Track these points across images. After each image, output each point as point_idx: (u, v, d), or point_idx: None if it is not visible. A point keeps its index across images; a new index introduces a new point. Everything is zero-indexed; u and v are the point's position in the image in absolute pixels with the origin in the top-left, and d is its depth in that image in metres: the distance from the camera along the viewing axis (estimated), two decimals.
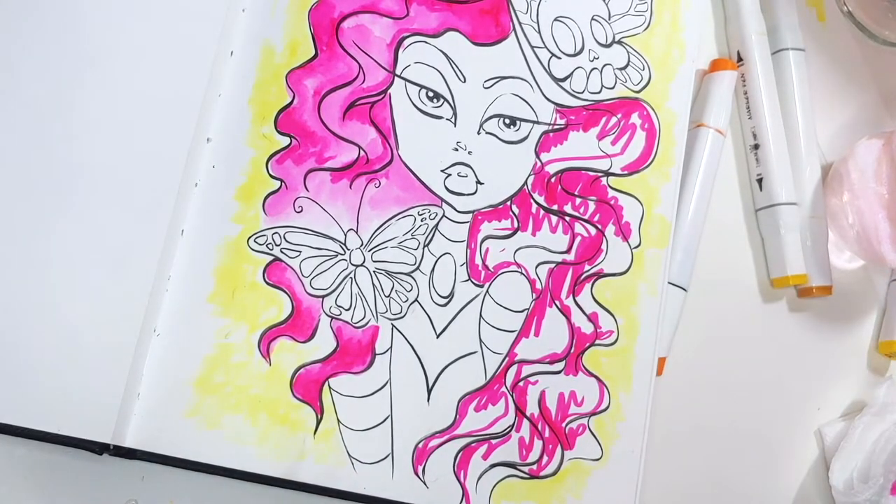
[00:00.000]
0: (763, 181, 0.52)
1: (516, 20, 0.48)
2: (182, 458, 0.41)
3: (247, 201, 0.44)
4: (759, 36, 0.52)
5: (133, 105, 0.42)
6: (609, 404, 0.46)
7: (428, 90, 0.46)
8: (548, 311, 0.46)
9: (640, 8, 0.50)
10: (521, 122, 0.47)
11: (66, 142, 0.41)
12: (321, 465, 0.42)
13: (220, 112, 0.44)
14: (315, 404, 0.43)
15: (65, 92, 0.41)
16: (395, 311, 0.45)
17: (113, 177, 0.41)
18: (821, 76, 0.56)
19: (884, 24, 0.56)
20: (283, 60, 0.45)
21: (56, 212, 0.41)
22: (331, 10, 0.46)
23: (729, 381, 0.52)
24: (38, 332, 0.40)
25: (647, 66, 0.50)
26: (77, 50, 0.42)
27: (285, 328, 0.43)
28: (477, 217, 0.46)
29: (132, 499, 0.42)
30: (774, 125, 0.52)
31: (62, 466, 0.42)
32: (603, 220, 0.48)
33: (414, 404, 0.44)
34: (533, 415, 0.46)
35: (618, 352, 0.47)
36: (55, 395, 0.39)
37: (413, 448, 0.44)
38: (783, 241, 0.51)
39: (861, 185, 0.50)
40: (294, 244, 0.44)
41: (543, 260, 0.47)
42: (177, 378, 0.42)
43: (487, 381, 0.45)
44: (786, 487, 0.52)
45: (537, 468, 0.45)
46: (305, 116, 0.45)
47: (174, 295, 0.42)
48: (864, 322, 0.55)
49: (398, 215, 0.45)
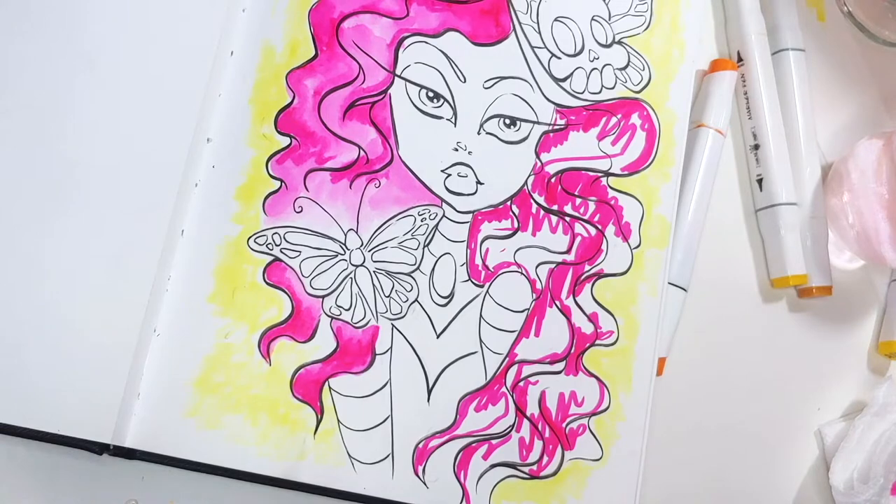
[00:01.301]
0: (763, 181, 0.52)
1: (516, 20, 0.48)
2: (182, 458, 0.41)
3: (247, 201, 0.44)
4: (759, 36, 0.52)
5: (133, 105, 0.42)
6: (609, 404, 0.46)
7: (428, 90, 0.46)
8: (548, 311, 0.46)
9: (640, 8, 0.50)
10: (522, 123, 0.47)
11: (66, 142, 0.41)
12: (321, 466, 0.42)
13: (220, 112, 0.44)
14: (315, 404, 0.43)
15: (65, 92, 0.41)
16: (395, 312, 0.45)
17: (113, 177, 0.41)
18: (821, 76, 0.56)
19: (884, 24, 0.56)
20: (283, 60, 0.45)
21: (56, 212, 0.41)
22: (331, 10, 0.46)
23: (729, 382, 0.52)
24: (38, 332, 0.40)
25: (648, 66, 0.50)
26: (77, 50, 0.42)
27: (285, 328, 0.43)
28: (477, 217, 0.46)
29: (132, 499, 0.42)
30: (774, 125, 0.52)
31: (62, 466, 0.42)
32: (603, 220, 0.48)
33: (414, 404, 0.44)
34: (533, 415, 0.46)
35: (618, 352, 0.47)
36: (55, 395, 0.39)
37: (413, 448, 0.44)
38: (783, 241, 0.51)
39: (861, 186, 0.50)
40: (294, 244, 0.44)
41: (543, 260, 0.47)
42: (177, 378, 0.42)
43: (488, 382, 0.45)
44: (786, 487, 0.52)
45: (537, 468, 0.45)
46: (305, 116, 0.45)
47: (174, 295, 0.42)
48: (864, 322, 0.55)
49: (398, 215, 0.45)
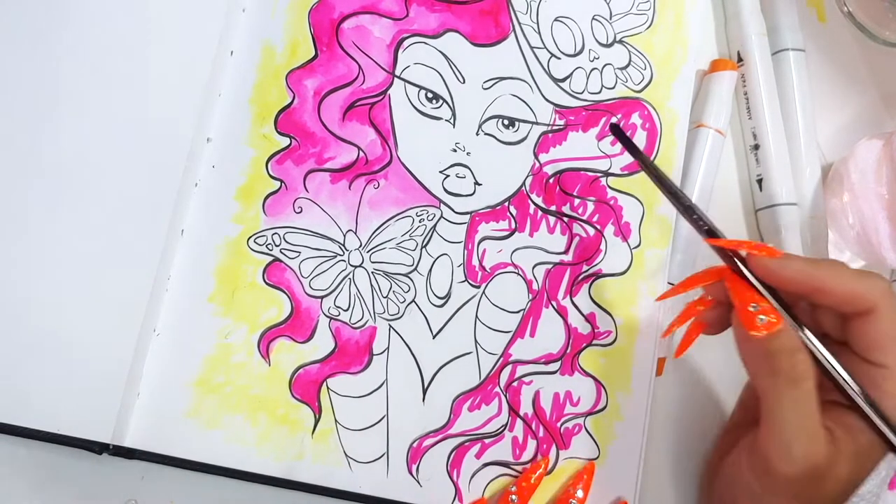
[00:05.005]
0: (763, 181, 0.52)
1: (516, 21, 0.48)
2: (182, 458, 0.41)
3: (247, 201, 0.44)
4: (759, 36, 0.52)
5: (133, 104, 0.42)
6: (606, 404, 0.46)
7: (427, 91, 0.46)
8: (544, 311, 0.47)
9: (642, 7, 0.50)
10: (520, 123, 0.47)
11: (65, 141, 0.41)
12: (319, 465, 0.43)
13: (220, 112, 0.44)
14: (313, 404, 0.43)
15: (65, 91, 0.42)
16: (392, 312, 0.45)
17: (113, 177, 0.41)
18: (821, 76, 0.56)
19: (884, 24, 0.56)
20: (283, 61, 0.45)
21: (56, 211, 0.41)
22: (331, 10, 0.46)
23: (729, 381, 0.52)
24: (37, 332, 0.40)
25: (649, 65, 0.50)
26: (77, 49, 0.42)
27: (285, 328, 0.43)
28: (475, 218, 0.46)
29: (132, 499, 0.42)
30: (774, 125, 0.52)
31: (62, 466, 0.42)
32: (602, 220, 0.48)
33: (409, 404, 0.44)
34: (527, 414, 0.46)
35: (616, 352, 0.47)
36: (55, 395, 0.40)
37: (408, 447, 0.44)
38: (783, 241, 0.51)
39: (861, 186, 0.50)
40: (294, 245, 0.44)
41: (541, 261, 0.47)
42: (177, 378, 0.42)
43: (481, 382, 0.45)
44: None
45: (531, 466, 0.45)
46: (305, 117, 0.45)
47: (174, 295, 0.42)
48: None
49: (397, 216, 0.45)
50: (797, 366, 0.38)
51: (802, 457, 0.38)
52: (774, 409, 0.39)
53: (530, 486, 0.44)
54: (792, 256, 0.40)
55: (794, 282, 0.39)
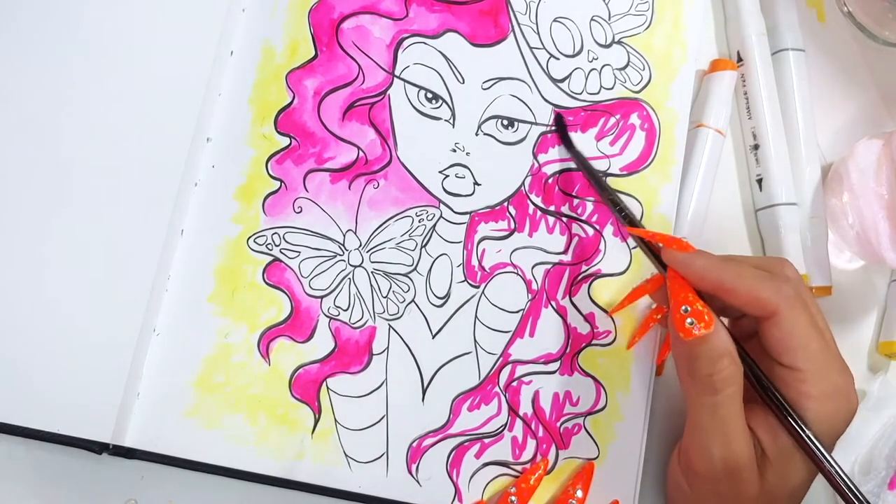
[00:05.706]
0: (763, 181, 0.52)
1: (515, 21, 0.48)
2: (182, 458, 0.41)
3: (247, 201, 0.44)
4: (759, 36, 0.52)
5: (133, 104, 0.42)
6: (606, 404, 0.46)
7: (427, 91, 0.46)
8: (543, 311, 0.47)
9: (641, 7, 0.50)
10: (519, 124, 0.47)
11: (65, 141, 0.41)
12: (318, 465, 0.43)
13: (220, 112, 0.44)
14: (313, 404, 0.43)
15: (65, 91, 0.42)
16: (392, 312, 0.45)
17: (113, 176, 0.41)
18: (821, 76, 0.56)
19: (884, 24, 0.56)
20: (283, 60, 0.45)
21: (56, 211, 0.41)
22: (331, 10, 0.46)
23: None
24: (37, 332, 0.40)
25: (648, 65, 0.50)
26: (77, 49, 0.42)
27: (284, 328, 0.43)
28: (474, 218, 0.46)
29: (132, 498, 0.43)
30: (774, 125, 0.52)
31: (62, 466, 0.42)
32: (601, 220, 0.48)
33: (409, 404, 0.44)
34: (526, 414, 0.46)
35: (616, 352, 0.47)
36: (55, 395, 0.40)
37: (407, 447, 0.44)
38: (783, 241, 0.51)
39: (861, 186, 0.50)
40: (293, 244, 0.44)
41: (540, 261, 0.47)
42: (176, 378, 0.42)
43: (481, 382, 0.45)
44: None
45: (531, 467, 0.45)
46: (305, 117, 0.45)
47: (174, 295, 0.42)
48: (864, 322, 0.55)
49: (396, 216, 0.45)
50: (719, 372, 0.38)
51: (720, 458, 0.39)
52: (693, 411, 0.40)
53: (529, 488, 0.44)
54: (703, 253, 0.41)
55: (700, 278, 0.40)
